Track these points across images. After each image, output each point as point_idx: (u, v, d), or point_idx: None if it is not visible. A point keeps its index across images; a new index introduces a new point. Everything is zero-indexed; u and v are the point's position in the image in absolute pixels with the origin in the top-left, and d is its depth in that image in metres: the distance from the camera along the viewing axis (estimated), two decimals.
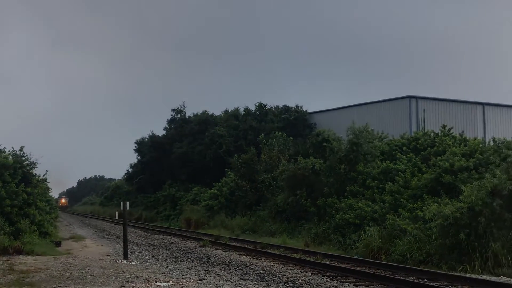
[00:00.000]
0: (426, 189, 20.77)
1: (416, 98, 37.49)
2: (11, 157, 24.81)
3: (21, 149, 25.77)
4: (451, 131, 27.99)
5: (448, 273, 14.22)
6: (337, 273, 14.79)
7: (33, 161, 25.94)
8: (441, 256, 15.75)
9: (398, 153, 26.23)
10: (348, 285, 13.00)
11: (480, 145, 22.82)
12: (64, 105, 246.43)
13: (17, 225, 21.98)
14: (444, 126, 28.55)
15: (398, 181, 22.72)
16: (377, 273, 14.60)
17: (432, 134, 28.18)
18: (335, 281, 13.59)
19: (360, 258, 17.60)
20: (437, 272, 14.33)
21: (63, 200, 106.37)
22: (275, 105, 51.41)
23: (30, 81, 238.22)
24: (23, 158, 25.39)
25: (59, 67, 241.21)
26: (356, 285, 12.99)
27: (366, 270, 15.08)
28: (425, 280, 13.44)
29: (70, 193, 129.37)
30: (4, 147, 26.99)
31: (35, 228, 23.17)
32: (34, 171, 26.31)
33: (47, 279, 12.86)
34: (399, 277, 13.63)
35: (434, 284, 12.71)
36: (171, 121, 58.70)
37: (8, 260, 17.00)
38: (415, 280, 13.21)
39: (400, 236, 17.75)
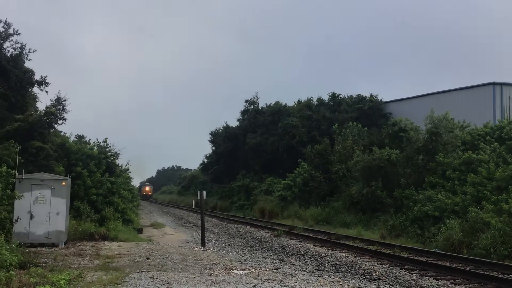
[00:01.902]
0: None
1: (501, 84, 35.41)
2: (95, 148, 26.29)
3: (105, 141, 27.28)
4: None
5: None
6: (416, 266, 14.40)
7: (116, 152, 27.38)
8: None
9: (481, 143, 25.04)
10: (428, 279, 12.62)
11: None
12: (141, 96, 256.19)
13: (102, 212, 23.28)
14: None
15: (481, 172, 21.63)
16: (459, 267, 14.07)
17: None
18: (414, 274, 13.25)
19: (440, 252, 17.01)
20: None
21: (147, 188, 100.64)
22: (348, 95, 50.59)
23: (108, 74, 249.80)
24: (107, 149, 26.83)
25: (136, 60, 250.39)
26: (437, 279, 12.57)
27: (447, 264, 14.57)
28: (511, 275, 12.79)
29: (150, 182, 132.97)
30: (89, 139, 28.68)
31: (119, 216, 24.42)
32: (117, 161, 27.76)
33: (130, 264, 13.51)
34: (482, 272, 13.07)
35: None
36: (244, 112, 59.40)
37: (94, 246, 18.02)
38: (500, 275, 12.61)
39: (483, 230, 16.93)
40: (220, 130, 63.00)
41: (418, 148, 25.98)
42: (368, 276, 12.98)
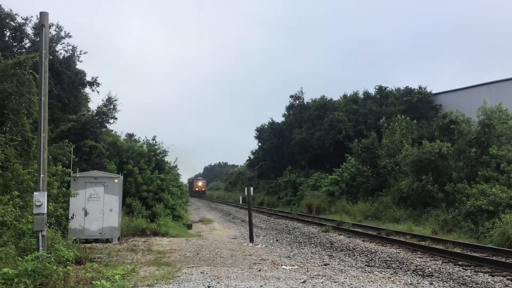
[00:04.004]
0: None
1: None
2: (145, 146, 26.91)
3: (154, 138, 27.89)
4: None
5: None
6: (470, 262, 13.98)
7: (164, 150, 27.93)
8: None
9: None
10: (483, 275, 12.21)
11: None
12: (187, 93, 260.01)
13: (153, 209, 23.83)
14: None
15: None
16: None
17: None
18: (469, 270, 12.87)
19: (495, 247, 16.44)
20: None
21: (199, 183, 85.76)
22: (396, 87, 49.50)
23: (154, 72, 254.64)
24: (156, 147, 27.40)
25: (176, 56, 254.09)
26: (493, 275, 12.16)
27: (503, 260, 14.07)
28: None
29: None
30: (139, 137, 29.39)
31: (169, 212, 24.91)
32: (166, 159, 28.32)
33: (181, 260, 13.77)
34: None
35: None
36: (289, 108, 59.32)
37: (146, 241, 18.47)
38: None
39: None
40: (266, 126, 63.18)
41: (470, 141, 25.20)
42: (420, 273, 12.69)
